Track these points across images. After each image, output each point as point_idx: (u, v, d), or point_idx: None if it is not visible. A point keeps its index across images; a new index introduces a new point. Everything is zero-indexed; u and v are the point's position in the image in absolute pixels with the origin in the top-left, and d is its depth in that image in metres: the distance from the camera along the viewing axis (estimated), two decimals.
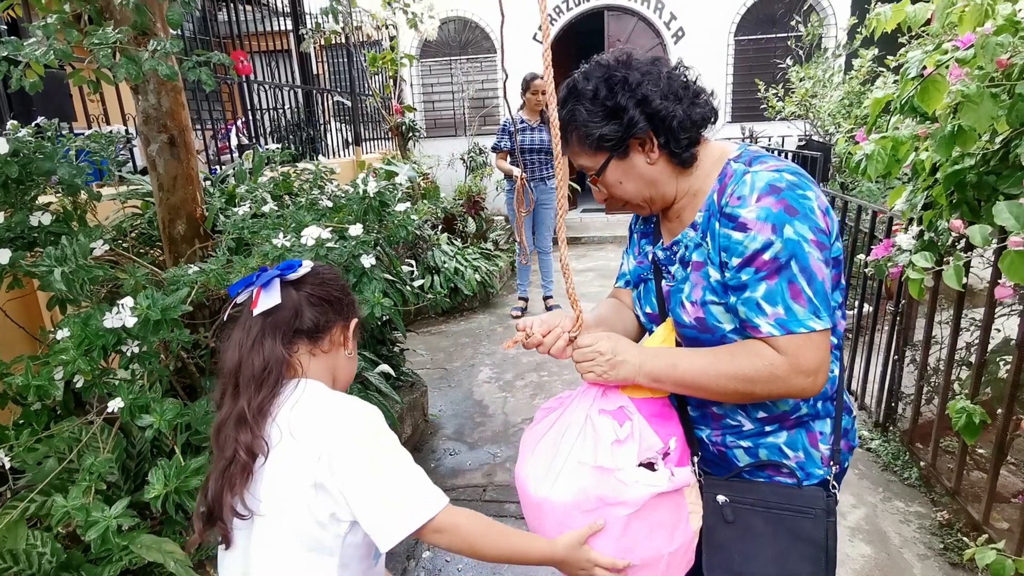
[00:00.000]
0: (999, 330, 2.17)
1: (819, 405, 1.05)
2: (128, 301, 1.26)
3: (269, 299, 0.98)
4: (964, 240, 1.72)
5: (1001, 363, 2.21)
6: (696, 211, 1.04)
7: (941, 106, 1.54)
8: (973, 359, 2.19)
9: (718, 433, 1.09)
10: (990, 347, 2.14)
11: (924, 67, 1.70)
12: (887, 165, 1.85)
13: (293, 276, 1.01)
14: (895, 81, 2.08)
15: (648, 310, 1.16)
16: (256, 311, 0.98)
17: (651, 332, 1.16)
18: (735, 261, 0.94)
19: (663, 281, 1.11)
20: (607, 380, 1.01)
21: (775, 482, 1.06)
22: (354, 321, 1.07)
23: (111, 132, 1.98)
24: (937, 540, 2.17)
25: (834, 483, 1.05)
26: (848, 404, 1.10)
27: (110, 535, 1.19)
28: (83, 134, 2.19)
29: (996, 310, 2.11)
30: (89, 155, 2.03)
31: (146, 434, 1.36)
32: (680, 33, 7.69)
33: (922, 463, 2.51)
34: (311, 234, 1.32)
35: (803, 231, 0.90)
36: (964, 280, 1.42)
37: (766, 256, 0.90)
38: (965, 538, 2.12)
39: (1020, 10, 1.54)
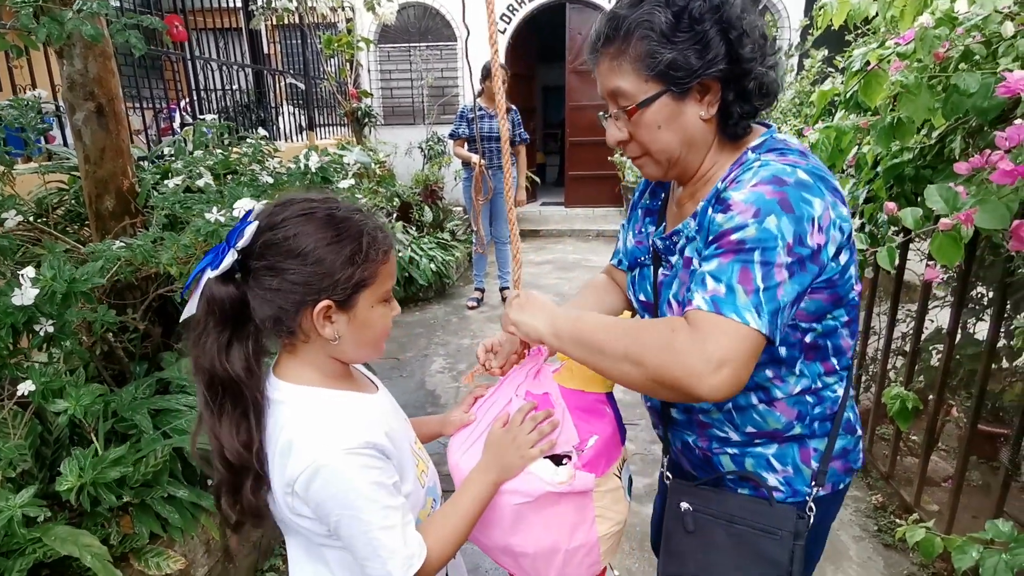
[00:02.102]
0: (932, 321, 2.26)
1: (815, 424, 0.96)
2: (29, 271, 1.15)
3: (192, 306, 0.80)
4: (902, 227, 1.78)
5: (934, 351, 2.30)
6: (701, 200, 0.92)
7: (883, 96, 1.58)
8: (908, 348, 2.27)
9: (703, 441, 1.02)
10: (923, 336, 2.22)
11: (868, 62, 1.74)
12: (831, 156, 1.89)
13: (225, 266, 0.77)
14: (842, 82, 2.13)
15: (643, 298, 1.06)
16: (183, 316, 0.81)
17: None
18: (708, 240, 0.84)
19: (660, 269, 1.00)
20: (523, 333, 0.96)
21: (758, 494, 0.98)
22: (323, 303, 0.79)
23: (31, 96, 1.84)
24: (872, 522, 2.25)
25: (812, 505, 0.95)
26: (853, 424, 1.01)
27: (15, 525, 1.10)
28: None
29: (930, 302, 2.19)
30: (7, 124, 1.89)
31: (60, 420, 1.27)
32: None
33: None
34: (244, 206, 1.24)
35: (786, 230, 0.78)
36: (896, 262, 1.45)
37: (734, 237, 0.80)
38: (898, 520, 2.20)
39: (957, 11, 1.59)
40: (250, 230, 0.78)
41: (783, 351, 0.91)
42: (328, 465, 0.77)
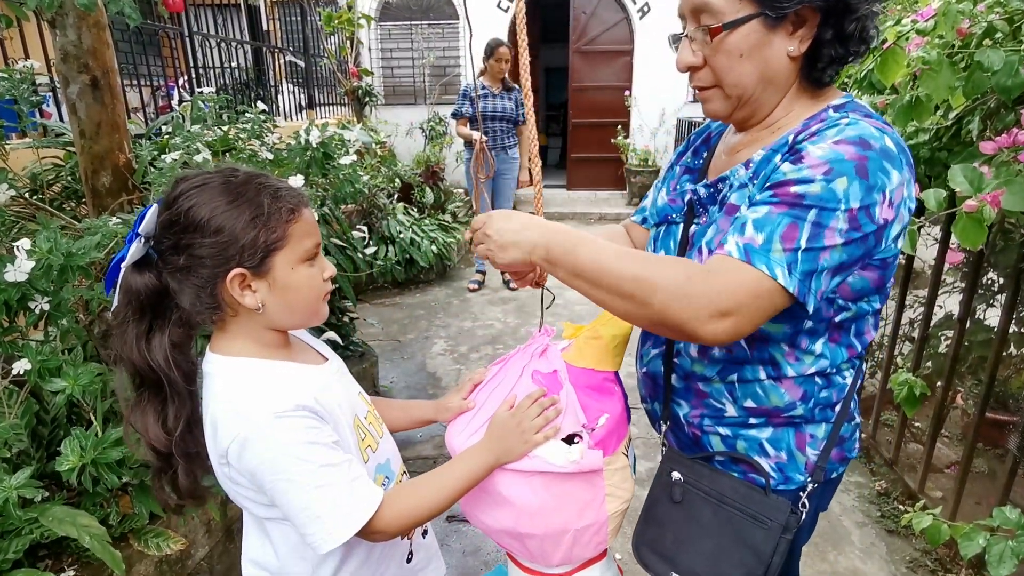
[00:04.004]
0: (941, 306, 2.23)
1: (816, 410, 0.91)
2: (25, 243, 1.12)
3: (115, 302, 0.79)
4: (916, 209, 1.74)
5: (942, 338, 2.28)
6: (760, 148, 0.86)
7: (901, 74, 1.53)
8: (916, 334, 2.24)
9: (696, 414, 0.98)
10: (932, 323, 2.19)
11: (884, 40, 1.69)
12: None
13: (133, 254, 0.77)
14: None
15: (663, 254, 1.00)
16: (111, 312, 0.81)
17: None
18: (765, 186, 0.78)
19: (693, 224, 0.93)
20: (500, 263, 0.89)
21: (747, 479, 0.93)
22: (234, 272, 0.77)
23: (23, 67, 1.79)
24: (874, 508, 2.24)
25: (806, 500, 0.91)
26: (852, 412, 0.96)
27: (10, 507, 1.08)
28: None
29: (939, 288, 2.16)
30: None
31: (58, 399, 1.24)
32: (646, 8, 7.62)
33: (863, 435, 2.58)
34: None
35: (852, 197, 0.72)
36: (916, 244, 1.42)
37: (794, 189, 0.73)
38: (901, 506, 2.19)
39: None
40: (151, 213, 0.77)
41: (808, 325, 0.86)
42: (257, 430, 0.76)
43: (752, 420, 0.93)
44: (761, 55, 0.80)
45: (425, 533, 1.07)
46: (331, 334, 2.23)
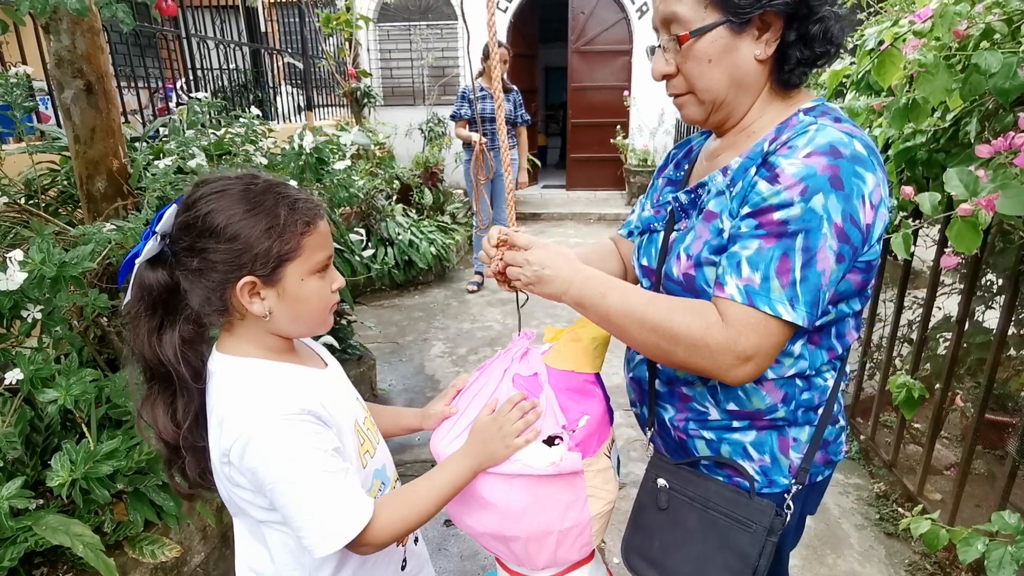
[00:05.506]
0: (940, 308, 2.22)
1: (799, 412, 0.92)
2: (17, 254, 1.11)
3: (127, 295, 0.81)
4: (912, 211, 1.74)
5: (940, 339, 2.27)
6: (737, 154, 0.88)
7: (898, 76, 1.52)
8: (915, 336, 2.23)
9: (681, 418, 0.99)
10: (931, 324, 2.18)
11: (881, 41, 1.68)
12: None
13: (148, 251, 0.78)
14: (852, 63, 2.07)
15: (645, 262, 1.02)
16: (124, 304, 0.83)
17: (642, 286, 1.04)
18: (744, 210, 0.81)
19: (674, 231, 0.95)
20: (532, 291, 0.92)
21: (731, 483, 0.95)
22: (245, 279, 0.78)
23: (16, 73, 1.78)
24: (873, 511, 2.23)
25: (790, 502, 0.92)
26: (836, 415, 0.97)
27: (2, 517, 1.07)
28: None
29: (938, 290, 2.15)
30: None
31: (50, 409, 1.24)
32: (645, 8, 7.61)
33: (862, 436, 2.57)
34: None
35: (833, 210, 0.75)
36: (912, 248, 1.41)
37: (776, 215, 0.77)
38: (900, 508, 2.19)
39: None
40: (169, 213, 0.79)
41: None
42: (262, 431, 0.77)
43: (735, 423, 0.94)
44: (729, 60, 0.83)
45: (416, 540, 1.07)
46: (328, 338, 2.22)
